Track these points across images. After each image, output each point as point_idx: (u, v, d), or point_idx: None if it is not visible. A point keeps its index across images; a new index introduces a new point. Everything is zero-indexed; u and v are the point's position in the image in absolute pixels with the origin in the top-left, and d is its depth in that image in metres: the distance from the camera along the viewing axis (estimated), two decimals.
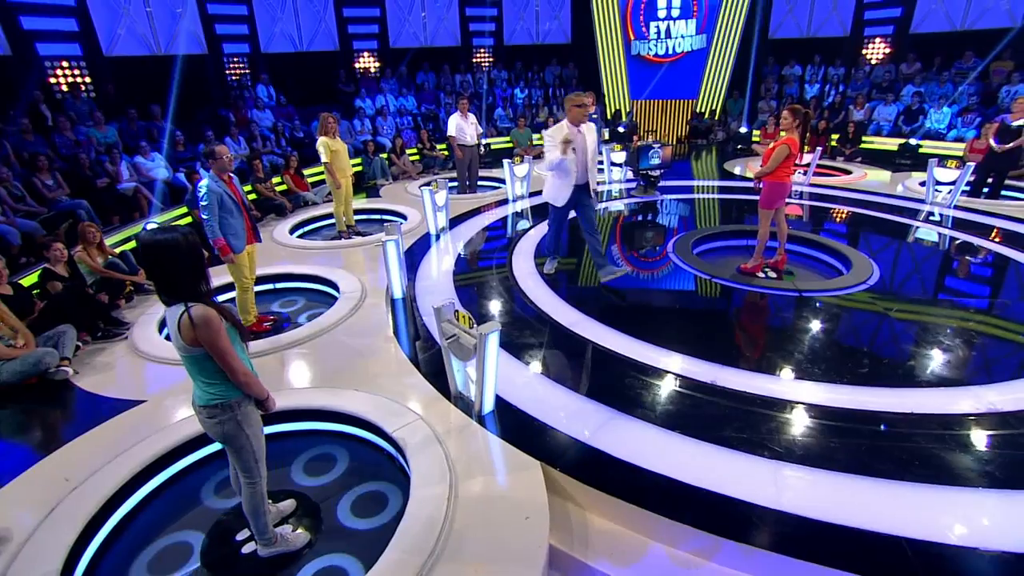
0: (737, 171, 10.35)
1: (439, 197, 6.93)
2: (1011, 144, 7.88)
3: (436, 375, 3.77)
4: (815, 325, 4.59)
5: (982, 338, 4.36)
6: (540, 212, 7.89)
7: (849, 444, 3.10)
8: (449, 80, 14.54)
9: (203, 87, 11.53)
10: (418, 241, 6.79)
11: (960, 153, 9.44)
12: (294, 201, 8.64)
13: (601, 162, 9.95)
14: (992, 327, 4.57)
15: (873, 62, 13.42)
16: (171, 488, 3.20)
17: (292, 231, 7.66)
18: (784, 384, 3.69)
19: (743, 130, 13.20)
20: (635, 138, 9.85)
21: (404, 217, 7.89)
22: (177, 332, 2.12)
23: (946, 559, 2.39)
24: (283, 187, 8.89)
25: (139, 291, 5.58)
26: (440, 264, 6.06)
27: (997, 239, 6.58)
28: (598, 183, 5.68)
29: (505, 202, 8.52)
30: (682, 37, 14.00)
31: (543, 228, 7.15)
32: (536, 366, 3.95)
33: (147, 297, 5.50)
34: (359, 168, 10.53)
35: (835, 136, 11.80)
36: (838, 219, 7.62)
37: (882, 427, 3.24)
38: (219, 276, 5.24)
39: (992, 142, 8.05)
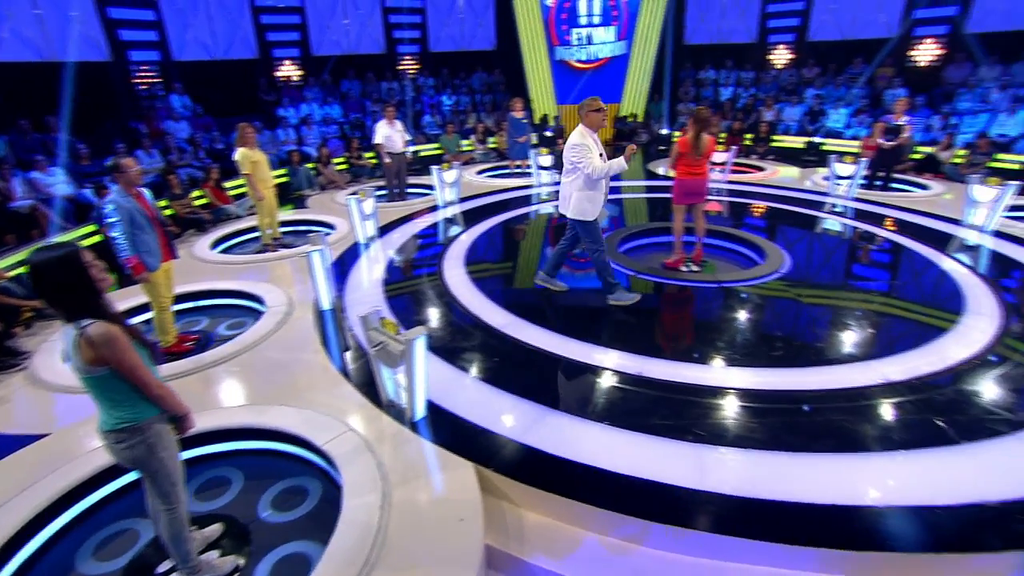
0: (660, 171, 10.78)
1: (366, 206, 6.83)
2: (895, 141, 8.65)
3: (367, 385, 3.72)
4: (734, 314, 4.85)
5: (879, 317, 4.76)
6: (471, 218, 7.93)
7: (766, 423, 3.30)
8: (375, 88, 14.36)
9: (108, 96, 10.85)
10: (347, 251, 6.66)
11: (856, 150, 10.24)
12: (216, 215, 8.27)
13: (530, 166, 10.12)
14: (888, 307, 4.99)
15: (778, 67, 14.36)
16: (80, 525, 2.99)
17: (214, 246, 7.33)
18: (706, 371, 3.89)
19: (664, 132, 13.78)
20: (560, 142, 10.08)
21: (332, 227, 7.71)
22: (75, 352, 2.00)
23: (862, 519, 2.60)
24: (204, 201, 8.49)
25: (40, 316, 5.17)
26: (370, 273, 5.97)
27: (891, 227, 7.19)
28: None
29: (435, 209, 8.49)
30: (603, 43, 14.46)
31: (474, 232, 7.21)
32: (468, 369, 3.98)
33: (50, 323, 5.11)
34: (284, 179, 10.21)
35: (749, 136, 12.51)
36: (754, 213, 8.08)
37: (801, 406, 3.48)
38: (135, 296, 4.96)
39: (880, 140, 8.80)
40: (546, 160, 9.54)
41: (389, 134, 8.73)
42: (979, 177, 7.08)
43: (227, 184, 9.01)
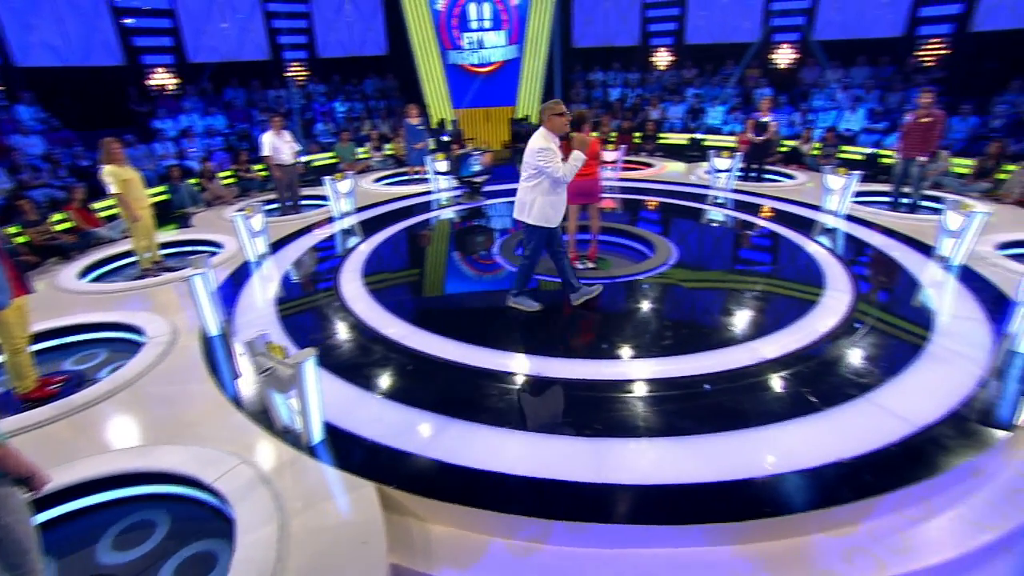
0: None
1: (254, 222, 6.49)
2: (764, 136, 9.48)
3: (260, 413, 3.55)
4: (626, 307, 5.11)
5: (755, 299, 5.19)
6: (369, 228, 7.77)
7: (659, 411, 3.51)
8: (262, 96, 13.68)
9: None
10: (237, 270, 6.30)
11: (733, 144, 11.10)
12: (85, 240, 7.51)
13: (428, 172, 10.07)
14: (763, 288, 5.45)
15: (661, 68, 15.25)
16: None
17: (83, 275, 6.66)
18: (601, 366, 4.06)
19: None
20: (454, 147, 10.12)
21: (220, 246, 7.26)
22: None
23: (745, 491, 2.83)
24: (68, 225, 7.69)
25: None
26: (263, 293, 5.69)
27: (765, 215, 7.87)
28: None
29: (331, 220, 8.23)
30: (494, 47, 14.66)
31: (374, 242, 7.08)
32: (367, 385, 3.90)
33: None
34: (165, 197, 9.49)
35: (638, 134, 13.19)
36: (645, 208, 8.53)
37: (689, 391, 3.72)
38: None
39: (751, 135, 9.61)
40: (443, 166, 9.52)
41: (277, 145, 8.35)
42: (831, 167, 7.93)
43: (96, 205, 8.23)
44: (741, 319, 4.84)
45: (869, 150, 10.74)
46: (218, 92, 13.39)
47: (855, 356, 4.12)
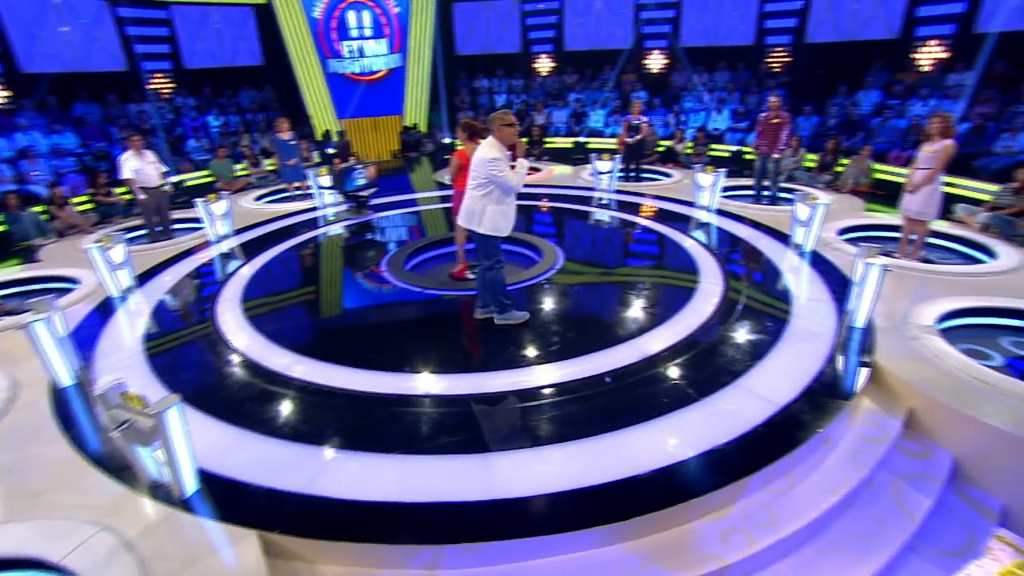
0: (447, 180, 11.08)
1: (114, 253, 5.89)
2: (637, 137, 10.07)
3: (124, 469, 3.22)
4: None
5: (639, 295, 5.48)
6: (249, 250, 7.33)
7: (547, 418, 3.59)
8: (121, 111, 12.48)
9: None
10: (96, 309, 5.69)
11: (614, 146, 11.67)
12: None
13: (310, 187, 9.66)
14: (647, 281, 5.76)
15: (543, 74, 15.71)
16: None
17: None
18: (488, 379, 4.07)
19: (447, 141, 14.22)
20: (336, 161, 9.77)
21: (75, 282, 6.52)
22: None
23: (629, 489, 2.95)
24: None
25: None
26: (129, 331, 5.18)
27: (646, 213, 8.34)
28: None
29: (208, 245, 7.67)
30: (376, 56, 14.37)
31: (256, 265, 6.68)
32: (247, 424, 3.66)
33: None
34: (2, 228, 8.38)
35: (524, 139, 13.42)
36: (536, 212, 8.74)
37: (577, 395, 3.84)
38: None
39: (626, 137, 10.17)
40: (326, 180, 9.15)
41: (139, 167, 7.65)
42: (701, 165, 8.56)
43: None
44: (624, 316, 5.09)
45: (735, 147, 11.72)
46: (65, 107, 12.02)
47: (727, 344, 4.47)
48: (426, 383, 4.02)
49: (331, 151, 12.24)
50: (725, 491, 2.99)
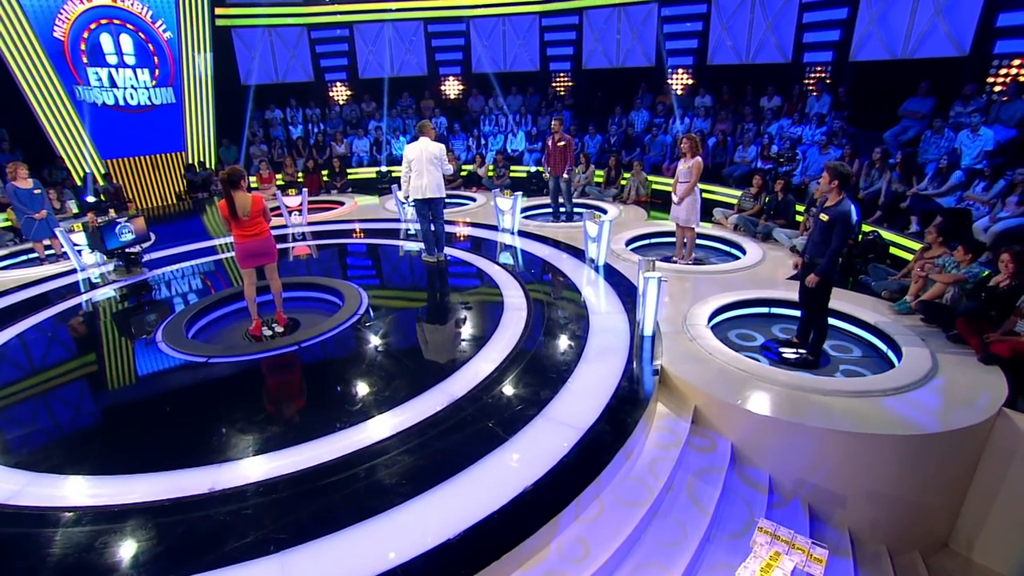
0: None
1: None
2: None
3: None
4: (316, 373, 4.79)
5: (443, 333, 5.35)
6: None
7: (348, 492, 3.23)
8: None
9: None
10: None
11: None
12: None
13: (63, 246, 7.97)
14: (457, 312, 5.66)
15: (340, 102, 15.14)
16: None
17: None
18: (287, 456, 3.58)
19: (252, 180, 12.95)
20: (91, 214, 7.90)
21: None
22: None
23: (455, 550, 2.72)
24: None
25: None
26: None
27: (460, 237, 8.31)
28: None
29: None
30: (135, 88, 12.51)
31: None
32: None
33: None
34: None
35: (325, 172, 12.81)
36: (335, 254, 8.23)
37: (397, 453, 3.52)
38: None
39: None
40: (79, 237, 7.51)
41: None
42: (499, 189, 8.82)
43: None
44: (431, 357, 4.93)
45: (533, 168, 12.37)
46: None
47: (530, 374, 4.47)
48: (209, 476, 3.39)
49: (90, 199, 10.34)
50: (538, 535, 2.94)
